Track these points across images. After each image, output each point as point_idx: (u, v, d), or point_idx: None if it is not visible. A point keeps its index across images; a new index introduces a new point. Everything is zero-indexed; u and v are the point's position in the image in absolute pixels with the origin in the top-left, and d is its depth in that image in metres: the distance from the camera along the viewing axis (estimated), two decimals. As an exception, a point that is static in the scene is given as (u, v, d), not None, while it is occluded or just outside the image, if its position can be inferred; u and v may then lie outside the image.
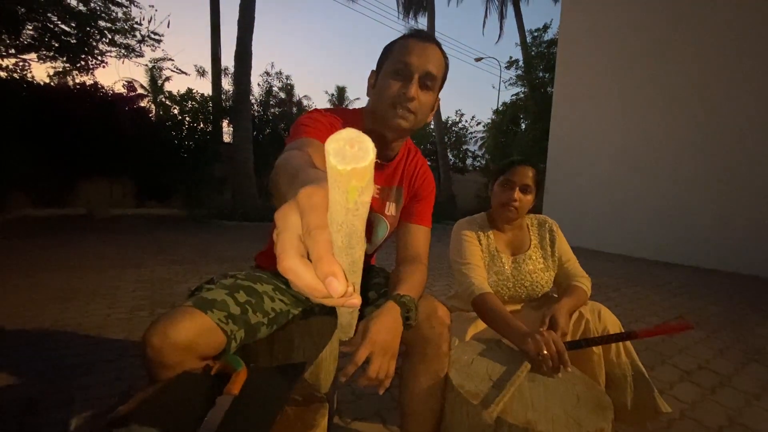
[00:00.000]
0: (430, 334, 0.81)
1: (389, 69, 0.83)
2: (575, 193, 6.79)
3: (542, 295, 1.28)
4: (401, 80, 0.82)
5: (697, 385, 1.70)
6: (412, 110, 0.83)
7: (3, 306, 2.28)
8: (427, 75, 0.82)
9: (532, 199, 1.23)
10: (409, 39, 0.83)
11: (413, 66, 0.80)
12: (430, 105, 0.87)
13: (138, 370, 1.56)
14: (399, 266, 0.92)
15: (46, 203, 7.49)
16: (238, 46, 8.00)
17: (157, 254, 4.07)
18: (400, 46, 0.83)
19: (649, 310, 2.90)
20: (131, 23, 6.82)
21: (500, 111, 13.47)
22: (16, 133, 6.50)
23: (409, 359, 0.86)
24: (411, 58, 0.80)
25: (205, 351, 0.78)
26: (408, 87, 0.81)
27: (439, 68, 0.84)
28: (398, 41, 0.85)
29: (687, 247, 5.45)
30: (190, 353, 0.75)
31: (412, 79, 0.81)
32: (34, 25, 5.87)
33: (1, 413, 1.24)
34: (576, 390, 0.80)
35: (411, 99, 0.81)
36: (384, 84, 0.84)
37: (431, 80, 0.83)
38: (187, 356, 0.75)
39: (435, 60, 0.83)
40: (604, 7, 6.62)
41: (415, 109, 0.83)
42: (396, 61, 0.82)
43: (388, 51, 0.86)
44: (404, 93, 0.81)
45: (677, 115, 5.69)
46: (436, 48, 0.84)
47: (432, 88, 0.84)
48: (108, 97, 7.86)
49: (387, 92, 0.83)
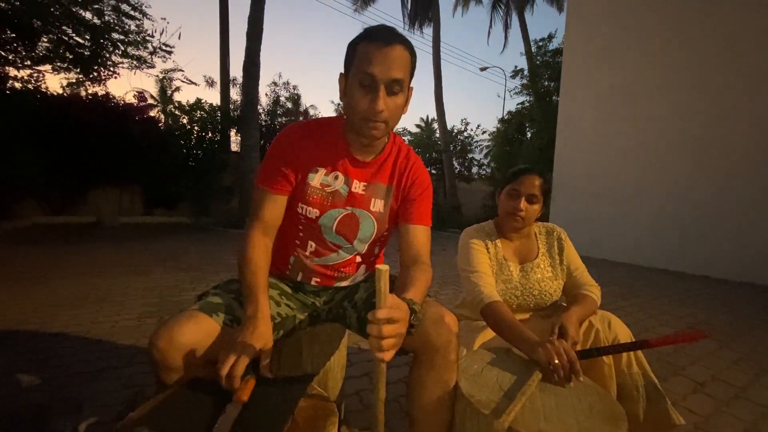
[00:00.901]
0: (438, 342, 0.80)
1: (355, 79, 0.83)
2: (582, 201, 6.75)
3: (551, 304, 1.27)
4: (368, 93, 0.82)
5: (711, 396, 1.66)
6: (383, 120, 0.85)
7: (15, 312, 2.31)
8: (393, 82, 0.81)
9: (539, 209, 1.23)
10: (369, 45, 0.81)
11: (377, 77, 0.80)
12: (402, 104, 0.87)
13: (147, 377, 1.56)
14: (403, 269, 0.93)
15: (58, 211, 7.59)
16: (246, 57, 8.13)
17: (165, 261, 4.10)
18: (362, 54, 0.81)
19: (659, 320, 2.86)
20: (144, 35, 6.97)
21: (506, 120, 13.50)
22: (29, 143, 6.62)
23: (417, 368, 0.85)
24: (374, 69, 0.79)
25: (210, 354, 0.79)
26: (376, 102, 0.81)
27: (404, 69, 0.83)
28: (360, 44, 0.83)
29: (698, 257, 5.37)
30: (196, 356, 0.76)
31: (379, 92, 0.81)
32: (50, 37, 6.01)
33: (13, 418, 1.25)
34: (589, 400, 0.79)
35: (380, 112, 0.82)
36: (352, 96, 0.84)
37: (398, 84, 0.82)
38: (192, 359, 0.76)
39: (399, 63, 0.81)
40: (609, 17, 6.65)
41: (385, 118, 0.85)
42: (360, 72, 0.81)
43: (352, 54, 0.84)
44: (373, 107, 0.82)
45: (685, 122, 5.66)
46: (399, 47, 0.81)
47: (400, 90, 0.84)
48: (119, 107, 7.99)
49: (356, 107, 0.84)
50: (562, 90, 7.56)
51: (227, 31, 10.38)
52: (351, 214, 0.98)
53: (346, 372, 1.30)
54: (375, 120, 0.84)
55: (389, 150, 1.01)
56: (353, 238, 1.00)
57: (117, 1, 6.23)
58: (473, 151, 17.81)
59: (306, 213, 0.96)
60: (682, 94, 5.68)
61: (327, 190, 0.96)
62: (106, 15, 6.23)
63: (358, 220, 0.99)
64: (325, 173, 0.96)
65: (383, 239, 1.08)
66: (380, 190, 1.00)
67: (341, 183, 0.97)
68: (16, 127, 6.38)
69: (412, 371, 0.85)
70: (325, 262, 1.03)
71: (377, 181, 0.99)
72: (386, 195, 1.00)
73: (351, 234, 1.00)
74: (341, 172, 0.97)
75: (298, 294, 1.07)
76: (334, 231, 0.98)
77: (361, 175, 0.98)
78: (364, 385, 1.61)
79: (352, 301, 1.04)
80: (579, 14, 7.23)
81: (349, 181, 0.97)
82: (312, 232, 0.99)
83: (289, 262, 1.05)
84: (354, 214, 0.98)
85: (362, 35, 0.84)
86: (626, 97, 6.34)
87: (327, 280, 1.06)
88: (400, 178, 1.01)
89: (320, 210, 0.96)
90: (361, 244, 1.02)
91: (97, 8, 6.02)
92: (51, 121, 6.87)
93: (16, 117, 6.33)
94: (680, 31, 5.72)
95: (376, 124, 0.84)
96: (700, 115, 5.49)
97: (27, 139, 6.59)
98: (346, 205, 0.98)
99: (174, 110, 8.77)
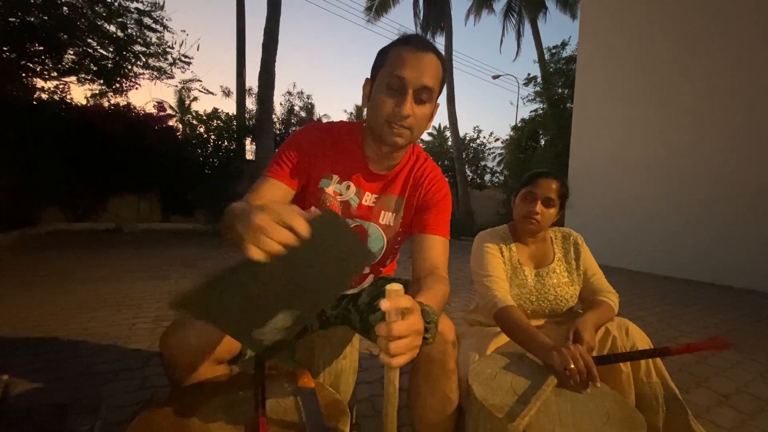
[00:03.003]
0: (433, 352, 0.74)
1: (383, 82, 0.80)
2: (597, 208, 6.62)
3: (566, 310, 1.25)
4: (395, 96, 0.79)
5: (736, 409, 1.60)
6: (408, 127, 0.81)
7: (37, 314, 2.38)
8: (422, 89, 0.78)
9: (555, 213, 1.21)
10: (403, 48, 0.79)
11: (407, 81, 0.77)
12: (427, 117, 0.84)
13: (162, 378, 1.58)
14: (417, 281, 0.85)
15: (79, 218, 7.84)
16: (261, 68, 8.30)
17: (180, 267, 4.17)
18: (394, 56, 0.79)
19: (680, 331, 2.77)
20: (164, 47, 7.19)
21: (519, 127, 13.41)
22: (53, 152, 6.89)
23: (414, 379, 0.80)
24: (405, 72, 0.77)
25: (220, 354, 0.80)
26: (402, 105, 0.78)
27: (435, 78, 0.80)
28: (393, 48, 0.81)
29: (720, 266, 5.20)
30: (205, 356, 0.77)
31: (407, 95, 0.78)
32: (75, 50, 6.26)
33: (33, 417, 1.28)
34: (606, 407, 0.77)
35: (406, 117, 0.79)
36: (378, 99, 0.81)
37: (427, 93, 0.80)
38: (201, 359, 0.77)
39: (431, 71, 0.79)
40: (623, 23, 6.59)
41: (410, 125, 0.81)
42: (389, 74, 0.78)
43: (383, 58, 0.82)
44: (399, 111, 0.78)
45: (703, 127, 5.53)
46: (432, 56, 0.79)
47: (428, 100, 0.81)
48: (139, 117, 8.25)
49: (381, 110, 0.80)
50: (576, 97, 7.48)
51: (244, 42, 10.69)
52: (359, 227, 0.96)
53: (358, 377, 1.30)
54: (399, 124, 0.80)
55: (405, 161, 0.97)
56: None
57: (140, 15, 6.46)
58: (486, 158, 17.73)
59: None
60: (699, 99, 5.56)
61: (338, 199, 0.94)
62: (129, 28, 6.46)
63: (366, 233, 0.96)
64: (338, 181, 0.94)
65: (395, 251, 1.06)
66: (390, 201, 0.97)
67: (352, 194, 0.94)
68: (43, 137, 6.66)
69: (410, 382, 0.82)
70: None
71: (388, 192, 0.96)
72: (397, 206, 0.97)
73: None
74: (354, 182, 0.94)
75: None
76: None
77: (372, 188, 0.96)
78: (376, 390, 1.60)
79: (356, 304, 1.04)
80: (592, 21, 7.19)
81: (361, 193, 0.94)
82: None
83: None
84: (362, 226, 0.96)
85: (396, 40, 0.82)
86: (642, 104, 6.24)
87: None
88: (415, 188, 0.97)
89: None
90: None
91: (120, 22, 6.24)
92: (75, 131, 7.15)
93: (42, 127, 6.60)
94: (696, 37, 5.62)
95: (401, 129, 0.81)
96: (721, 120, 5.36)
97: (52, 148, 6.87)
98: (355, 217, 0.95)
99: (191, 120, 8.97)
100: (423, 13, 15.38)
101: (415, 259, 0.91)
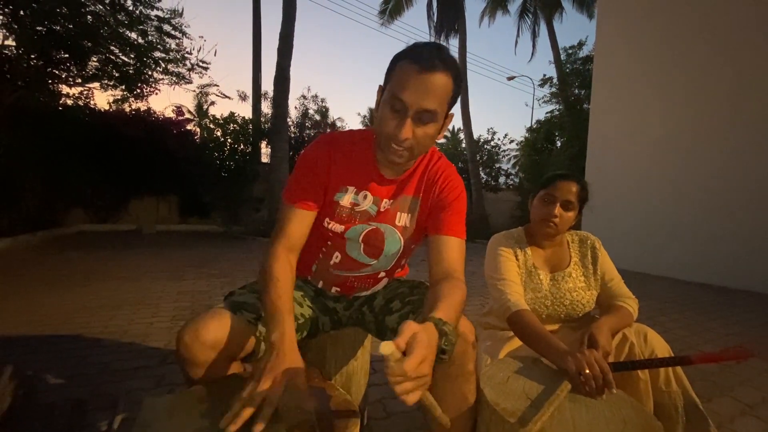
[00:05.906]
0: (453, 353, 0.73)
1: (387, 97, 0.79)
2: (616, 212, 6.46)
3: (583, 315, 1.22)
4: (396, 117, 0.78)
5: (763, 420, 1.53)
6: (407, 148, 0.81)
7: (59, 312, 2.45)
8: (422, 111, 0.77)
9: (574, 216, 1.18)
10: (410, 66, 0.76)
11: (408, 104, 0.76)
12: (432, 134, 0.82)
13: (178, 376, 1.61)
14: (433, 286, 0.84)
15: (101, 219, 8.11)
16: (277, 72, 8.42)
17: (197, 267, 4.25)
18: (400, 73, 0.78)
19: (703, 338, 2.68)
20: (183, 53, 7.38)
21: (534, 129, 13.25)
22: (78, 156, 7.15)
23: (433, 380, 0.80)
24: (405, 95, 0.75)
25: (234, 351, 0.81)
26: (401, 128, 0.77)
27: (440, 99, 0.78)
28: (401, 61, 0.79)
29: (742, 270, 5.01)
30: (220, 352, 0.78)
31: (406, 118, 0.77)
32: (98, 57, 6.48)
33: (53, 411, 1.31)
34: (623, 413, 0.75)
35: (404, 140, 0.79)
36: (382, 115, 0.81)
37: (429, 115, 0.78)
38: (216, 355, 0.78)
39: (435, 92, 0.76)
40: (640, 22, 6.44)
41: (410, 146, 0.81)
42: (392, 94, 0.77)
43: (393, 69, 0.80)
44: (398, 134, 0.78)
45: (724, 130, 5.35)
46: (439, 75, 0.76)
47: (431, 120, 0.79)
48: (159, 121, 8.47)
49: (384, 127, 0.80)
50: (593, 98, 7.34)
51: (260, 47, 10.87)
52: (376, 229, 0.96)
53: (370, 379, 1.29)
54: (398, 146, 0.80)
55: (419, 161, 0.97)
56: (379, 254, 0.98)
57: (159, 22, 6.64)
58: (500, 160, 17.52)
59: (332, 228, 0.95)
60: (719, 100, 5.39)
61: (356, 210, 0.94)
62: (150, 35, 6.64)
63: (383, 235, 0.97)
64: (355, 192, 0.94)
65: (409, 252, 1.06)
66: (405, 202, 0.96)
67: (369, 203, 0.94)
68: (68, 141, 6.91)
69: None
70: (348, 273, 1.02)
71: (403, 193, 0.96)
72: (412, 207, 0.97)
73: (377, 250, 0.98)
74: (370, 191, 0.94)
75: (319, 298, 1.08)
76: (361, 246, 0.97)
77: (388, 192, 0.96)
78: (388, 393, 1.59)
79: (371, 306, 1.04)
80: (610, 21, 7.05)
81: (378, 201, 0.95)
82: (338, 246, 0.99)
83: (311, 269, 1.06)
84: (379, 229, 0.96)
85: (407, 52, 0.80)
86: (661, 105, 6.09)
87: (347, 290, 1.07)
88: (429, 187, 0.96)
89: (346, 226, 0.95)
90: (387, 261, 1.01)
91: (141, 29, 6.43)
92: (98, 136, 7.40)
93: (67, 132, 6.85)
94: (716, 37, 5.45)
95: (399, 150, 0.81)
96: (742, 122, 5.18)
97: (77, 152, 7.12)
98: (371, 221, 0.96)
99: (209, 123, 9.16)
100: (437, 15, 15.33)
101: (431, 261, 0.89)
